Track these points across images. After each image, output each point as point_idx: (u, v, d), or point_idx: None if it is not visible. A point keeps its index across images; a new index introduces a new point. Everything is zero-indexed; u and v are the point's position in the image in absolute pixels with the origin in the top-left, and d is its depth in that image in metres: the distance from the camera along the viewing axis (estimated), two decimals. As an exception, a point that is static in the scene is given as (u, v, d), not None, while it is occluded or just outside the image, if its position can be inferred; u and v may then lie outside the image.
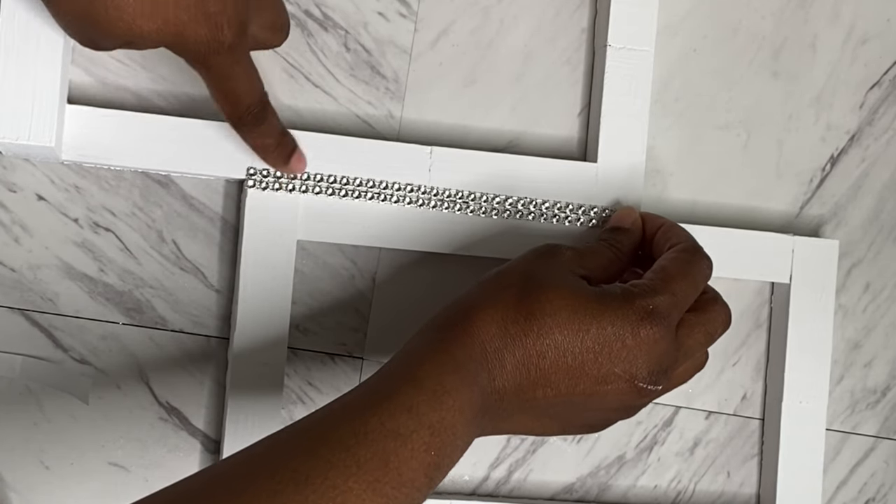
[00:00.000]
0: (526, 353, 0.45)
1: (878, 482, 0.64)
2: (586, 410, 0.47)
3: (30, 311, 0.54)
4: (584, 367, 0.45)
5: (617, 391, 0.46)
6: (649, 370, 0.46)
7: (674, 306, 0.48)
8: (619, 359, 0.46)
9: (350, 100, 0.58)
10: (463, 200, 0.56)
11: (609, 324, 0.46)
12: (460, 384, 0.43)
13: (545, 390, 0.45)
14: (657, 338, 0.46)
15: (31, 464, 0.54)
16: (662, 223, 0.55)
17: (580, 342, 0.45)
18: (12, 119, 0.50)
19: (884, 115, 0.64)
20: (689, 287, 0.49)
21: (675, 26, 0.62)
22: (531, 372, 0.45)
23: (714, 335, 0.50)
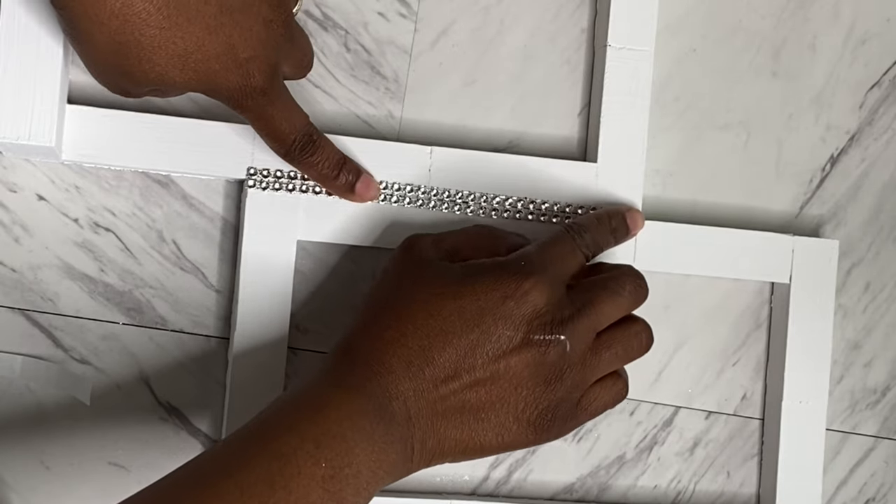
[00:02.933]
0: (409, 350, 0.45)
1: (877, 482, 0.64)
2: (508, 401, 0.46)
3: (30, 311, 0.54)
4: (474, 344, 0.45)
5: (519, 360, 0.46)
6: (540, 319, 0.46)
7: (546, 265, 0.48)
8: (504, 319, 0.46)
9: (350, 100, 0.58)
10: (463, 200, 0.56)
11: (482, 291, 0.46)
12: (343, 395, 0.43)
13: (448, 383, 0.45)
14: (536, 285, 0.46)
15: (31, 464, 0.54)
16: None
17: (460, 320, 0.45)
18: (12, 119, 0.50)
19: (884, 115, 0.64)
20: (599, 289, 0.49)
21: (675, 26, 0.62)
22: (423, 367, 0.45)
23: (631, 352, 0.50)
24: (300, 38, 0.50)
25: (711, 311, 0.62)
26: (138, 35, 0.42)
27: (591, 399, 0.49)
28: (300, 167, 0.52)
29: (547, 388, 0.47)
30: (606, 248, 0.54)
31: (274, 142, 0.50)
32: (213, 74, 0.44)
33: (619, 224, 0.55)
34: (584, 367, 0.48)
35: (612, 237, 0.55)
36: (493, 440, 0.47)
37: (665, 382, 0.61)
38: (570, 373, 0.47)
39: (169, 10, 0.42)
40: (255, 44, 0.45)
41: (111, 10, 0.41)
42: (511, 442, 0.47)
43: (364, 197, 0.53)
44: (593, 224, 0.53)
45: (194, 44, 0.43)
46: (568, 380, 0.47)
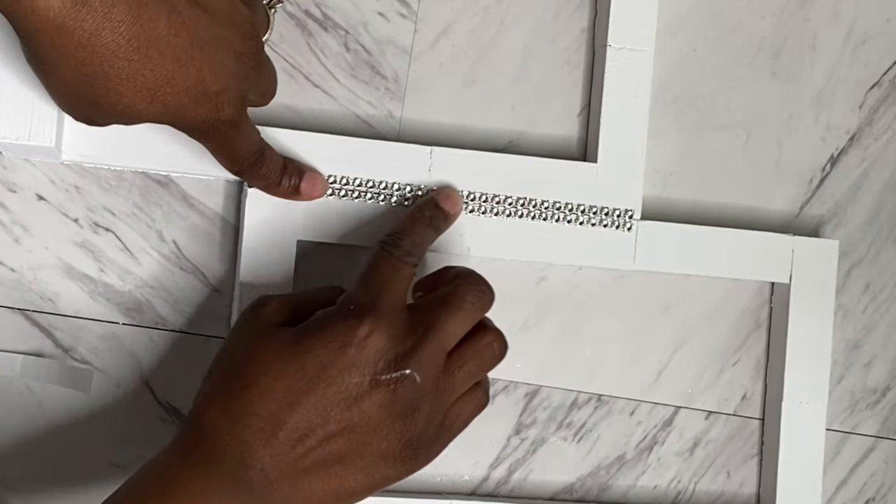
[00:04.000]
0: (258, 417, 0.44)
1: (877, 482, 0.64)
2: (370, 443, 0.45)
3: (30, 311, 0.54)
4: (323, 399, 0.44)
5: (371, 403, 0.45)
6: (385, 358, 0.45)
7: (375, 298, 0.46)
8: (348, 367, 0.44)
9: (350, 100, 0.58)
10: (463, 200, 0.56)
11: (321, 346, 0.44)
12: (194, 472, 0.43)
13: (303, 441, 0.44)
14: (372, 326, 0.45)
15: (31, 464, 0.54)
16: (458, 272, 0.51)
17: (304, 379, 0.44)
18: (12, 119, 0.50)
19: (884, 115, 0.64)
20: (439, 307, 0.47)
21: (675, 26, 0.62)
22: (275, 431, 0.44)
23: (485, 365, 0.49)
24: (268, 69, 0.49)
25: (711, 311, 0.62)
26: (106, 67, 0.41)
27: (454, 417, 0.48)
28: (248, 179, 0.51)
29: (405, 422, 0.45)
30: (430, 244, 0.52)
31: (231, 164, 0.49)
32: (182, 108, 0.43)
33: (433, 212, 0.52)
34: (440, 393, 0.47)
35: (431, 229, 0.52)
36: (363, 482, 0.46)
37: (665, 382, 0.61)
38: (426, 402, 0.46)
39: (139, 42, 0.41)
40: (225, 77, 0.44)
41: (78, 40, 0.40)
42: (382, 479, 0.46)
43: (311, 195, 0.53)
44: (406, 227, 0.51)
45: (164, 77, 0.42)
46: (425, 409, 0.46)
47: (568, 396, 0.60)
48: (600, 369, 0.60)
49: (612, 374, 0.61)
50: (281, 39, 0.57)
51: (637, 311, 0.61)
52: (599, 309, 0.60)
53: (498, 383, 0.59)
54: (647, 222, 0.58)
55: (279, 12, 0.56)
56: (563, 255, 0.57)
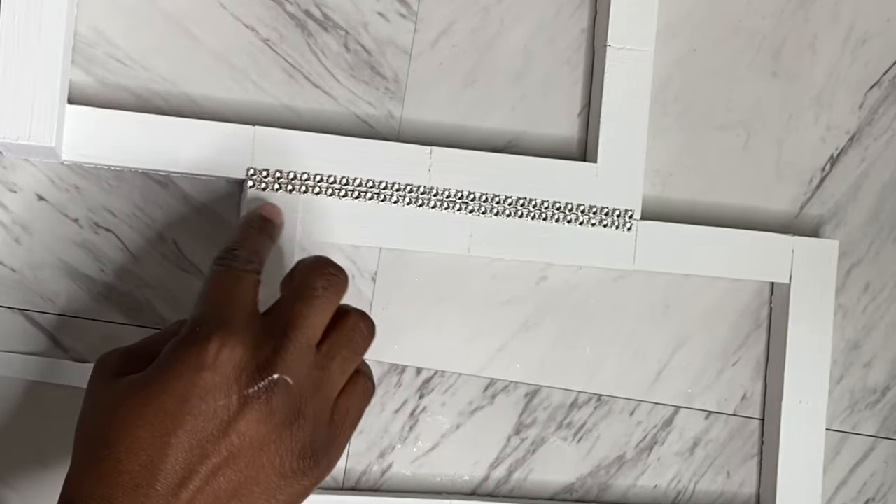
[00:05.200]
0: (130, 474, 0.40)
1: (877, 482, 0.64)
2: (262, 465, 0.41)
3: (30, 311, 0.54)
4: (193, 433, 0.40)
5: (248, 422, 0.41)
6: (246, 371, 0.41)
7: (220, 313, 0.43)
8: (209, 391, 0.41)
9: (350, 100, 0.58)
10: (463, 200, 0.56)
11: (174, 378, 0.41)
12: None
13: (186, 486, 0.40)
14: (222, 341, 0.41)
15: (30, 463, 0.54)
16: None
17: (168, 418, 0.40)
18: (12, 119, 0.50)
19: (884, 115, 0.64)
20: (292, 302, 0.44)
21: (675, 26, 0.62)
22: (152, 483, 0.40)
23: (358, 348, 0.45)
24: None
25: (711, 311, 0.62)
26: None
27: (344, 413, 0.44)
28: None
29: (291, 430, 0.42)
30: (269, 252, 0.49)
31: None
32: None
33: (262, 223, 0.50)
34: (319, 389, 0.43)
35: (265, 236, 0.50)
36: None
37: (665, 382, 0.61)
38: (307, 403, 0.42)
39: None
40: None
41: None
42: (288, 499, 0.42)
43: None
44: (238, 238, 0.48)
45: None
46: (308, 411, 0.42)
47: (568, 396, 0.60)
48: (600, 369, 0.60)
49: (612, 374, 0.61)
50: (281, 39, 0.57)
51: (637, 311, 0.61)
52: (599, 309, 0.60)
53: (498, 383, 0.59)
54: (647, 222, 0.58)
55: (283, 10, 0.56)
56: (563, 255, 0.57)
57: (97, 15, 0.55)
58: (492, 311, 0.59)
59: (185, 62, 0.55)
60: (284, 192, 0.54)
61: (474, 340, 0.59)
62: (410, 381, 0.58)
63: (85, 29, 0.54)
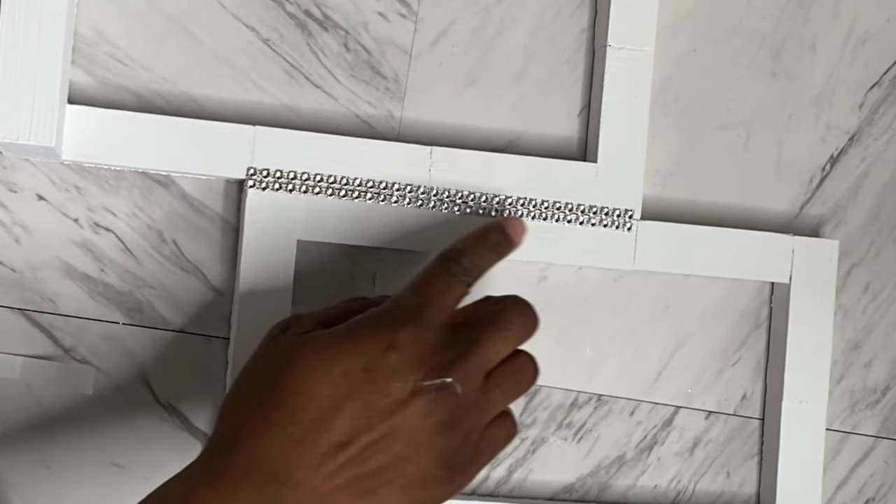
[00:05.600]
0: (300, 427, 0.42)
1: (877, 482, 0.64)
2: (409, 457, 0.43)
3: (30, 311, 0.54)
4: (366, 403, 0.42)
5: (413, 411, 0.43)
6: (427, 366, 0.43)
7: (422, 307, 0.45)
8: (392, 371, 0.43)
9: (350, 100, 0.58)
10: (463, 200, 0.56)
11: (364, 347, 0.43)
12: (214, 492, 0.40)
13: (345, 449, 0.42)
14: (414, 332, 0.44)
15: (31, 464, 0.54)
16: None
17: (349, 382, 0.42)
18: (12, 119, 0.50)
19: (884, 115, 0.64)
20: (484, 325, 0.46)
21: (675, 26, 0.62)
22: (316, 440, 0.41)
23: (521, 387, 0.47)
24: None
25: (711, 311, 0.62)
26: None
27: (489, 441, 0.46)
28: None
29: (443, 437, 0.43)
30: (489, 268, 0.49)
31: None
32: None
33: (499, 238, 0.50)
34: (478, 409, 0.45)
35: (494, 253, 0.50)
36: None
37: (665, 382, 0.61)
38: (465, 417, 0.44)
39: None
40: None
41: None
42: (419, 502, 0.44)
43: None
44: (469, 246, 0.49)
45: None
46: (464, 424, 0.44)
47: (568, 396, 0.60)
48: (600, 369, 0.60)
49: (612, 374, 0.61)
50: (281, 39, 0.57)
51: (637, 311, 0.61)
52: (599, 309, 0.60)
53: (498, 383, 0.59)
54: (647, 222, 0.58)
55: (283, 10, 0.56)
56: (563, 255, 0.57)
57: (97, 15, 0.55)
58: (492, 311, 0.59)
59: (185, 62, 0.55)
60: (284, 192, 0.54)
61: (474, 340, 0.59)
62: (410, 381, 0.58)
63: (85, 29, 0.54)
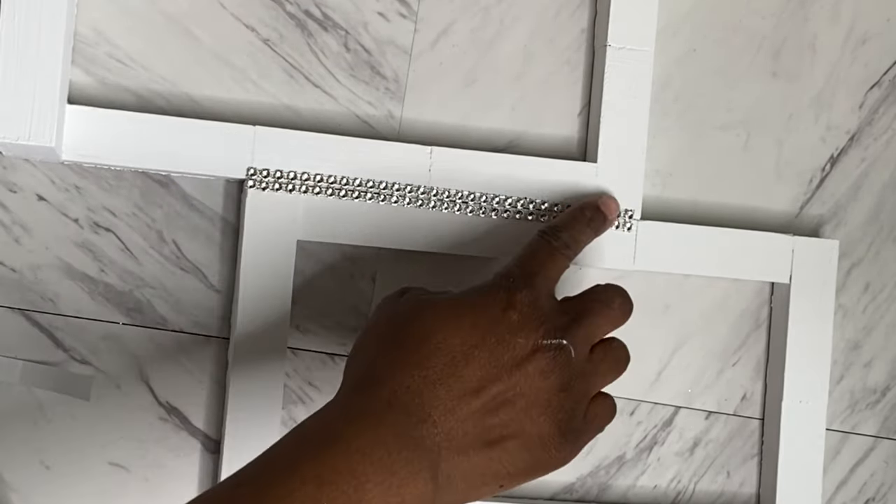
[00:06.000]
0: (434, 370, 0.44)
1: (877, 482, 0.64)
2: (530, 414, 0.45)
3: (30, 311, 0.54)
4: (493, 354, 0.45)
5: (535, 367, 0.45)
6: (545, 326, 0.46)
7: (532, 276, 0.48)
8: (514, 327, 0.45)
9: (350, 100, 0.58)
10: (463, 200, 0.56)
11: (491, 303, 0.46)
12: (357, 426, 0.42)
13: (476, 396, 0.44)
14: (530, 296, 0.46)
15: (31, 464, 0.54)
16: None
17: (477, 333, 0.45)
18: (12, 119, 0.50)
19: (884, 115, 0.64)
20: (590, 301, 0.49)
21: (675, 26, 0.62)
22: (450, 384, 0.44)
23: (620, 366, 0.50)
24: None
25: (711, 311, 0.62)
26: None
27: (595, 412, 0.49)
28: None
29: (559, 397, 0.46)
30: (587, 242, 0.53)
31: None
32: None
33: (594, 214, 0.54)
34: (587, 377, 0.48)
35: (590, 229, 0.54)
36: (519, 465, 0.46)
37: (665, 382, 0.61)
38: (577, 382, 0.47)
39: None
40: None
41: None
42: (535, 464, 0.46)
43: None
44: (567, 221, 0.53)
45: None
46: (576, 388, 0.47)
47: (568, 396, 0.60)
48: (600, 369, 0.60)
49: (612, 374, 0.61)
50: (281, 39, 0.57)
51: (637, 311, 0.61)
52: (599, 309, 0.60)
53: (498, 383, 0.59)
54: (647, 222, 0.58)
55: (282, 10, 0.56)
56: (563, 255, 0.57)
57: (97, 15, 0.55)
58: (492, 311, 0.59)
59: (185, 62, 0.55)
60: (284, 192, 0.54)
61: (474, 340, 0.59)
62: (410, 381, 0.58)
63: (85, 29, 0.54)
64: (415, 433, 0.42)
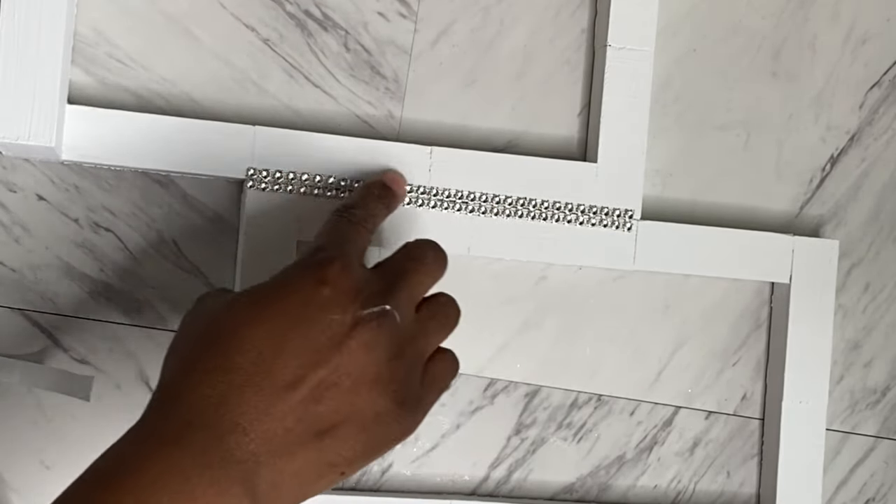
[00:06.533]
0: (241, 372, 0.40)
1: (877, 482, 0.64)
2: (360, 392, 0.42)
3: (30, 311, 0.54)
4: (308, 339, 0.41)
5: (358, 342, 0.42)
6: (362, 295, 0.43)
7: (341, 246, 0.45)
8: (328, 304, 0.42)
9: (350, 100, 0.58)
10: (463, 200, 0.56)
11: (296, 285, 0.42)
12: (149, 453, 0.38)
13: (294, 390, 0.40)
14: (343, 265, 0.43)
15: (31, 464, 0.54)
16: None
17: (286, 320, 0.41)
18: (12, 119, 0.50)
19: (884, 115, 0.64)
20: (403, 260, 0.46)
21: (675, 26, 0.62)
22: (261, 383, 0.40)
23: (450, 322, 0.47)
24: None
25: (711, 311, 0.62)
26: None
27: (434, 375, 0.46)
28: None
29: (391, 367, 0.42)
30: (382, 218, 0.51)
31: None
32: None
33: (381, 191, 0.52)
34: (416, 339, 0.44)
35: (382, 204, 0.51)
36: (357, 446, 0.42)
37: (665, 382, 0.61)
38: (407, 346, 0.43)
39: None
40: None
41: None
42: (377, 443, 0.43)
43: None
44: (358, 200, 0.50)
45: None
46: (408, 354, 0.43)
47: (568, 396, 0.60)
48: (600, 369, 0.60)
49: (612, 374, 0.61)
50: (281, 39, 0.57)
51: (637, 311, 0.61)
52: (599, 309, 0.60)
53: (498, 383, 0.59)
54: (647, 222, 0.58)
55: (282, 10, 0.56)
56: (563, 255, 0.57)
57: (97, 15, 0.55)
58: (492, 311, 0.59)
59: (185, 62, 0.55)
60: (284, 192, 0.54)
61: (474, 340, 0.59)
62: (410, 381, 0.58)
63: (85, 29, 0.54)
64: (221, 448, 0.39)
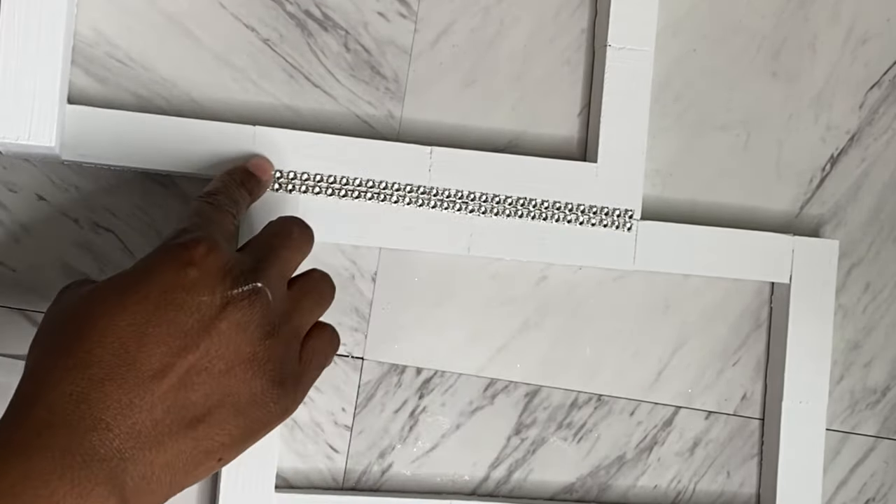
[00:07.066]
0: (101, 366, 0.38)
1: (878, 482, 0.64)
2: (234, 374, 0.40)
3: (30, 311, 0.54)
4: (174, 325, 0.39)
5: (228, 323, 0.40)
6: (230, 274, 0.41)
7: (207, 226, 0.43)
8: (195, 286, 0.40)
9: (350, 100, 0.58)
10: (463, 200, 0.56)
11: (158, 270, 0.40)
12: (5, 460, 0.36)
13: (161, 379, 0.39)
14: (210, 244, 0.41)
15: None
16: None
17: (149, 307, 0.39)
18: (12, 119, 0.50)
19: (884, 115, 0.64)
20: (269, 237, 0.45)
21: (675, 26, 0.62)
22: (125, 375, 0.38)
23: (325, 297, 0.46)
24: None
25: (711, 311, 0.62)
26: None
27: (310, 352, 0.44)
28: None
29: (265, 346, 0.41)
30: (246, 204, 0.50)
31: None
32: None
33: (245, 177, 0.50)
34: (290, 316, 0.43)
35: (244, 190, 0.50)
36: (234, 431, 0.41)
37: (665, 382, 0.61)
38: (281, 324, 0.42)
39: None
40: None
41: None
42: (255, 424, 0.41)
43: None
44: (219, 186, 0.49)
45: None
46: (283, 331, 0.42)
47: (568, 396, 0.60)
48: (600, 369, 0.60)
49: (612, 374, 0.61)
50: (281, 39, 0.57)
51: (637, 311, 0.61)
52: (599, 309, 0.60)
53: (498, 383, 0.59)
54: (647, 222, 0.58)
55: (282, 10, 0.56)
56: (563, 255, 0.57)
57: (97, 15, 0.55)
58: (492, 311, 0.59)
59: (185, 62, 0.55)
60: (284, 192, 0.54)
61: (474, 340, 0.59)
62: (410, 382, 0.58)
63: (85, 29, 0.54)
64: (83, 447, 0.37)
